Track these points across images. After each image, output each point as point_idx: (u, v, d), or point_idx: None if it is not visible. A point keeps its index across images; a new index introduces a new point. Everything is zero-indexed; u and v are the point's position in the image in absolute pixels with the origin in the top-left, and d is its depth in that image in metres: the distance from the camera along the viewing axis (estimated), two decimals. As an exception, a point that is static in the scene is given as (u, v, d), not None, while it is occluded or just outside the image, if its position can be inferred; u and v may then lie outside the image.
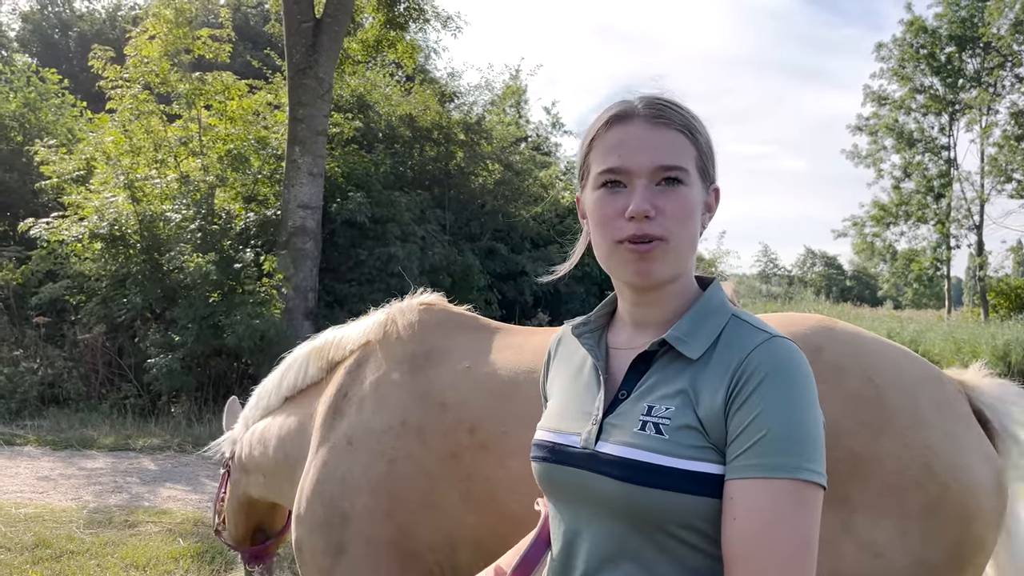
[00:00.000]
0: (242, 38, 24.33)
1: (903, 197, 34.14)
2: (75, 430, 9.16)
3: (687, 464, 1.14)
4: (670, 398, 1.20)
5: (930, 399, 1.97)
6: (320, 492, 2.31)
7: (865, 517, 1.88)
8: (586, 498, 1.24)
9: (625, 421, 1.22)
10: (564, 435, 1.29)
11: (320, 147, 10.65)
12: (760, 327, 1.23)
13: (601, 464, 1.21)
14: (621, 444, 1.20)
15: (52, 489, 6.88)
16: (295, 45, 10.54)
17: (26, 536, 5.47)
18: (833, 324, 2.12)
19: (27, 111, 13.90)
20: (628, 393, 1.26)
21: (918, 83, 32.98)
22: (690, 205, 1.24)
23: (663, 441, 1.17)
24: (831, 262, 55.64)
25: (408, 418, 2.29)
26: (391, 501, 2.24)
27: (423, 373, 2.38)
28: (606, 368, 1.32)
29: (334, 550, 2.28)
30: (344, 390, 2.45)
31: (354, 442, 2.32)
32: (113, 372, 10.66)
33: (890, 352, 2.07)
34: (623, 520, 1.19)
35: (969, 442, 1.95)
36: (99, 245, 10.29)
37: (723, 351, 1.21)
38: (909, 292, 39.67)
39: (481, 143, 13.25)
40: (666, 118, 1.26)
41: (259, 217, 10.98)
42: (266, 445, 2.82)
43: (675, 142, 1.25)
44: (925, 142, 33.47)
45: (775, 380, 1.14)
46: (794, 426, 1.11)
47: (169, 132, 11.16)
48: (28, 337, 10.63)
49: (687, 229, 1.24)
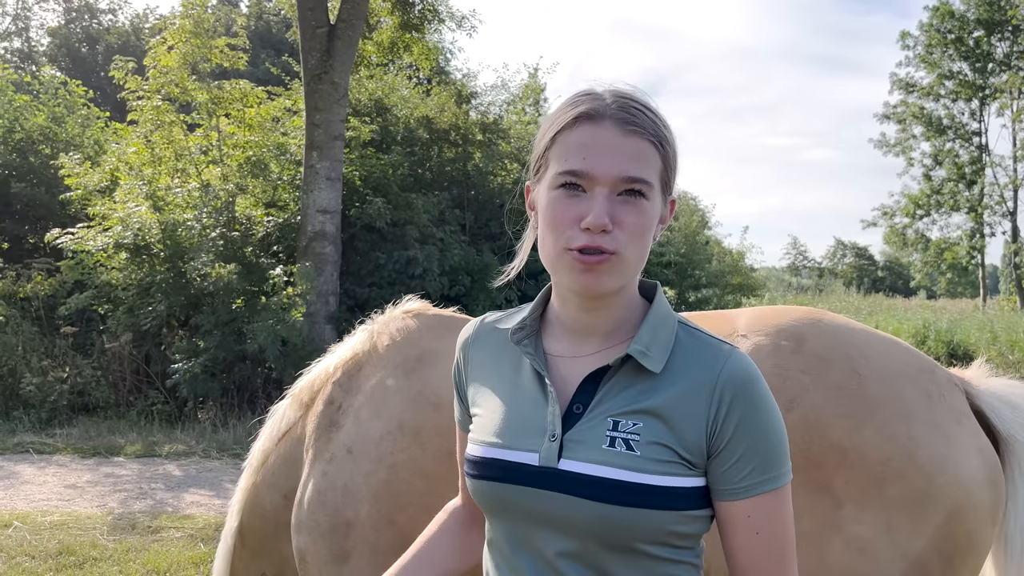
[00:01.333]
0: (264, 46, 24.60)
1: (934, 186, 33.59)
2: (103, 437, 9.30)
3: (659, 480, 1.14)
4: (636, 414, 1.17)
5: (918, 390, 1.93)
6: (323, 502, 2.33)
7: (850, 511, 1.86)
8: (546, 519, 1.18)
9: (588, 437, 1.18)
10: (515, 452, 1.22)
11: (338, 151, 10.71)
12: (712, 337, 1.24)
13: (567, 483, 1.16)
14: (589, 462, 1.16)
15: (78, 496, 6.99)
16: (310, 51, 10.61)
17: (50, 544, 5.56)
18: (821, 315, 2.10)
19: (54, 124, 14.14)
20: (584, 407, 1.20)
21: (946, 69, 32.42)
22: (648, 220, 1.19)
23: (635, 458, 1.14)
24: (862, 253, 54.87)
25: (404, 421, 2.32)
26: (393, 507, 2.26)
27: (416, 375, 2.39)
28: (551, 377, 1.25)
29: (339, 558, 2.30)
30: (337, 403, 2.45)
31: (354, 451, 2.34)
32: (141, 380, 10.81)
33: (878, 343, 2.03)
34: (588, 539, 1.16)
35: (959, 434, 1.90)
36: (124, 255, 10.45)
37: (686, 366, 1.20)
38: (943, 282, 39.00)
39: (499, 143, 13.26)
40: (638, 125, 1.18)
41: (279, 223, 11.08)
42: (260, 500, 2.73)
43: (643, 153, 1.18)
44: (955, 129, 32.89)
45: (747, 398, 1.17)
46: (777, 439, 1.19)
47: (190, 141, 11.29)
48: (57, 347, 10.80)
49: (641, 243, 1.19)
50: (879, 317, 20.21)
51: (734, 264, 17.49)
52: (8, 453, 8.52)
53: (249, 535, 2.67)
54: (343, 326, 10.08)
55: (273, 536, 2.61)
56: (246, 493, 2.66)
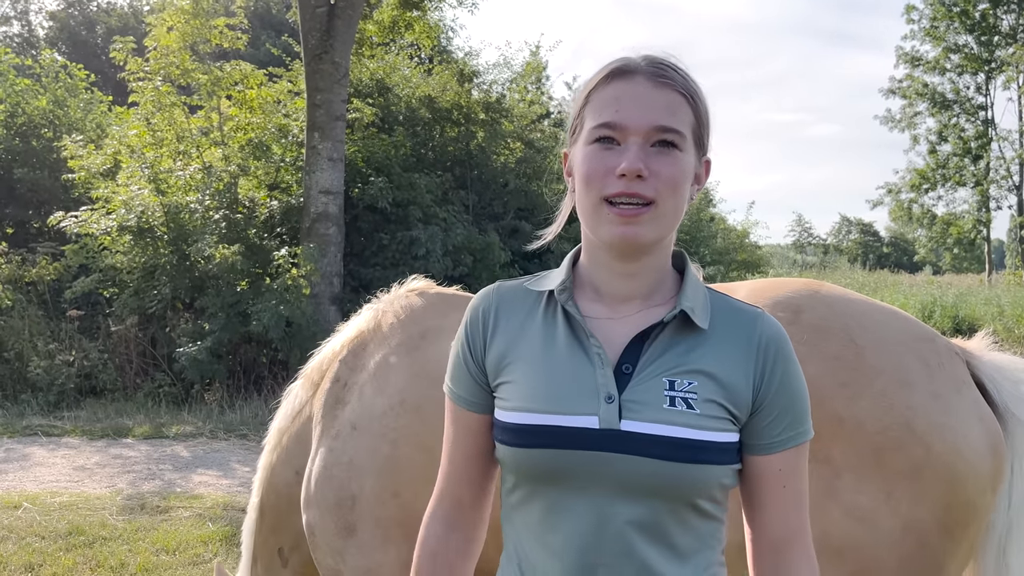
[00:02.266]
0: (265, 27, 24.45)
1: (940, 160, 33.37)
2: (111, 420, 9.37)
3: (715, 436, 1.19)
4: (690, 373, 1.21)
5: (918, 359, 1.93)
6: (330, 476, 2.39)
7: (849, 480, 1.87)
8: (610, 481, 1.18)
9: (646, 397, 1.19)
10: (570, 416, 1.19)
11: (339, 132, 10.68)
12: (737, 300, 1.31)
13: (632, 444, 1.17)
14: (653, 422, 1.17)
15: (88, 478, 7.05)
16: (310, 31, 10.56)
17: (60, 524, 5.62)
18: (819, 286, 2.11)
19: (56, 108, 14.11)
20: (632, 367, 1.21)
21: (952, 42, 32.10)
22: (683, 171, 1.21)
23: (696, 416, 1.18)
24: (867, 229, 54.61)
25: (407, 397, 2.37)
26: (396, 481, 2.32)
27: (419, 352, 2.45)
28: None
29: (345, 531, 2.37)
30: (343, 380, 2.52)
31: (359, 427, 2.40)
32: (147, 362, 10.86)
33: (876, 313, 2.04)
34: (653, 499, 1.18)
35: (959, 403, 1.90)
36: (128, 238, 10.46)
37: (725, 325, 1.25)
38: (948, 257, 38.84)
39: (502, 122, 13.19)
40: (668, 78, 1.22)
41: (283, 205, 11.07)
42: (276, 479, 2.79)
43: (675, 104, 1.21)
44: (961, 103, 32.62)
45: (785, 357, 1.25)
46: (804, 396, 1.26)
47: (191, 123, 11.27)
48: (64, 330, 10.85)
49: (676, 195, 1.21)
50: (884, 293, 20.16)
51: (739, 241, 17.43)
52: (17, 436, 8.59)
53: (267, 511, 2.76)
54: (347, 307, 10.09)
55: (287, 512, 2.68)
56: (264, 471, 2.76)
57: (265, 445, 2.83)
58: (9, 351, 10.33)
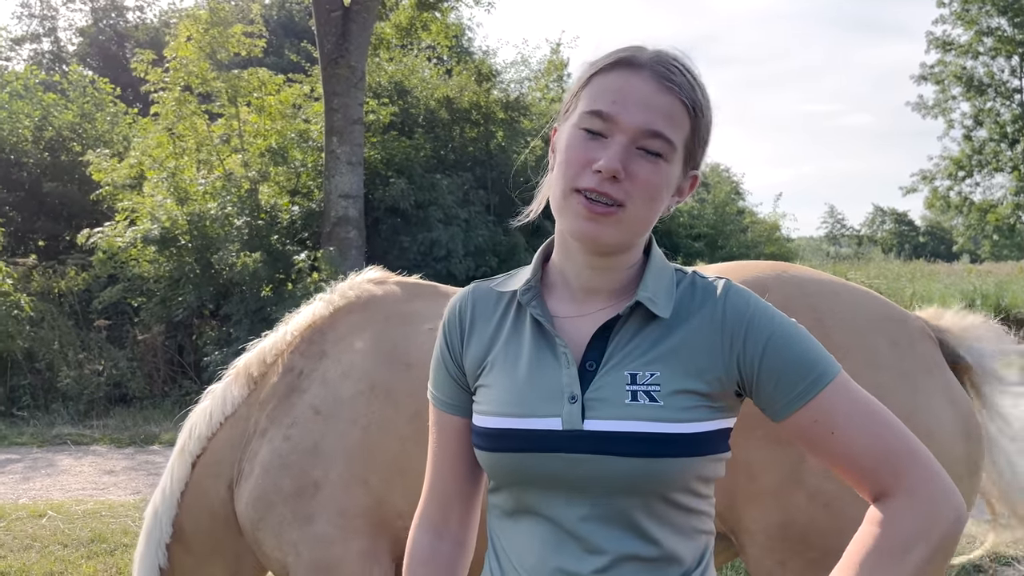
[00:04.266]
0: (288, 35, 24.68)
1: (975, 146, 32.67)
2: (139, 427, 9.46)
3: (684, 427, 1.13)
4: (652, 363, 1.16)
5: (887, 339, 1.89)
6: (286, 465, 2.25)
7: (814, 466, 1.83)
8: (577, 482, 1.16)
9: (608, 394, 1.16)
10: (535, 419, 1.18)
11: (357, 136, 10.71)
12: (704, 276, 1.25)
13: (595, 443, 1.14)
14: (614, 419, 1.14)
15: (113, 485, 7.11)
16: (326, 35, 10.60)
17: (83, 532, 5.65)
18: (786, 267, 2.08)
19: (83, 121, 14.34)
20: (596, 364, 1.18)
21: (984, 25, 31.41)
22: (662, 181, 1.16)
23: (659, 408, 1.13)
24: (901, 219, 53.68)
25: (376, 381, 2.28)
26: (366, 468, 2.22)
27: (386, 335, 2.36)
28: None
29: (302, 521, 2.22)
30: (298, 369, 2.38)
31: (323, 411, 2.28)
32: (175, 370, 10.97)
33: (845, 293, 2.00)
34: (620, 494, 1.15)
35: (929, 384, 1.86)
36: (153, 248, 10.59)
37: (691, 306, 1.20)
38: (987, 245, 38.01)
39: (521, 120, 13.15)
40: (675, 84, 1.15)
41: (304, 210, 11.12)
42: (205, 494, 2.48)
43: (675, 112, 1.15)
44: (995, 87, 31.92)
45: (760, 319, 1.16)
46: (802, 342, 1.16)
47: (212, 131, 11.37)
48: (93, 340, 10.99)
49: (650, 204, 1.16)
50: (921, 283, 19.75)
51: (768, 234, 17.21)
52: (47, 445, 8.70)
53: (195, 538, 2.46)
54: (370, 310, 10.10)
55: (224, 532, 2.43)
56: (180, 494, 2.43)
57: (178, 456, 2.46)
58: (40, 361, 10.48)
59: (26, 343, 10.36)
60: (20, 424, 9.58)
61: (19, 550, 5.30)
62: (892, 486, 1.11)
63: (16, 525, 5.80)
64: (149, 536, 2.46)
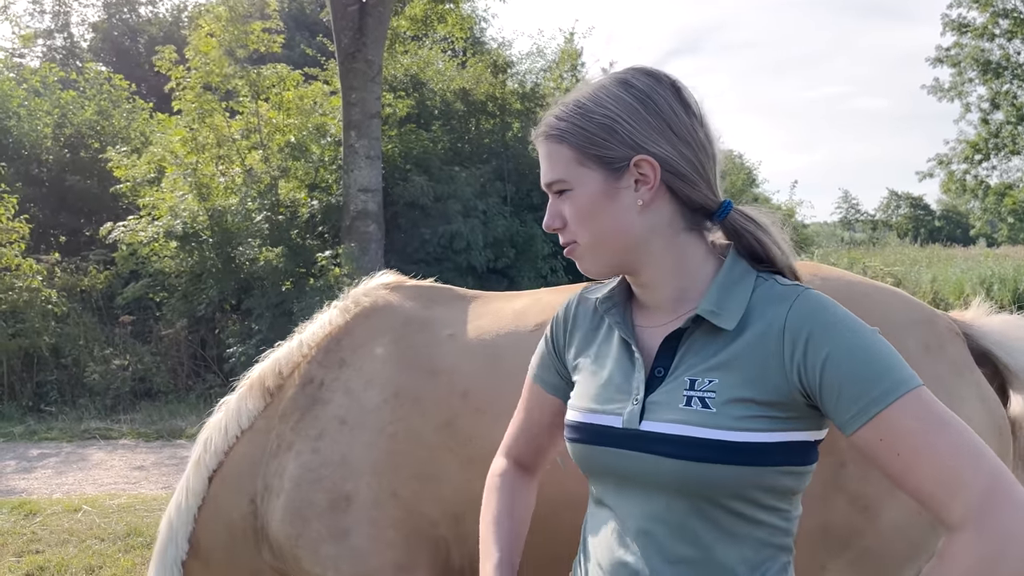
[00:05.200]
0: (299, 28, 24.68)
1: (992, 129, 32.35)
2: (165, 421, 9.58)
3: (737, 436, 1.15)
4: (712, 371, 1.20)
5: (919, 343, 1.91)
6: (318, 479, 2.22)
7: (854, 471, 1.85)
8: (633, 478, 1.23)
9: (668, 398, 1.21)
10: (602, 415, 1.27)
11: (375, 129, 10.75)
12: (783, 284, 1.24)
13: (649, 443, 1.20)
14: (668, 421, 1.19)
15: (144, 479, 7.22)
16: (342, 30, 10.63)
17: (118, 526, 5.75)
18: (817, 269, 2.08)
19: (101, 118, 14.45)
20: (665, 371, 1.25)
21: (1000, 7, 31.04)
22: (581, 206, 1.28)
23: (711, 415, 1.16)
24: (917, 203, 53.18)
25: (401, 389, 2.24)
26: (394, 478, 2.18)
27: (406, 342, 2.32)
28: (638, 345, 1.30)
29: (338, 536, 2.19)
30: (318, 380, 2.32)
31: (349, 422, 2.23)
32: (198, 364, 11.09)
33: (877, 294, 2.01)
34: (672, 495, 1.19)
35: (959, 385, 1.89)
36: (174, 244, 10.69)
37: (760, 314, 1.21)
38: (1004, 228, 37.69)
39: (537, 111, 13.15)
40: (548, 130, 1.31)
41: (323, 204, 11.19)
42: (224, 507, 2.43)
43: (553, 155, 1.30)
44: (1012, 69, 31.58)
45: (823, 329, 1.14)
46: (871, 354, 1.12)
47: (232, 127, 11.45)
48: (117, 335, 11.12)
49: (591, 226, 1.28)
50: (938, 268, 19.64)
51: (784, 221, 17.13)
52: (76, 440, 8.83)
53: (214, 554, 2.42)
54: (390, 303, 10.17)
55: (243, 547, 2.39)
56: (197, 510, 2.40)
57: (193, 469, 2.43)
58: (66, 357, 10.62)
59: (52, 339, 10.50)
60: (48, 419, 9.73)
61: (56, 544, 5.40)
62: (961, 517, 1.05)
63: (52, 520, 5.92)
64: (164, 554, 2.43)
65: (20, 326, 10.23)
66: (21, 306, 10.29)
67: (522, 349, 2.15)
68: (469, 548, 2.17)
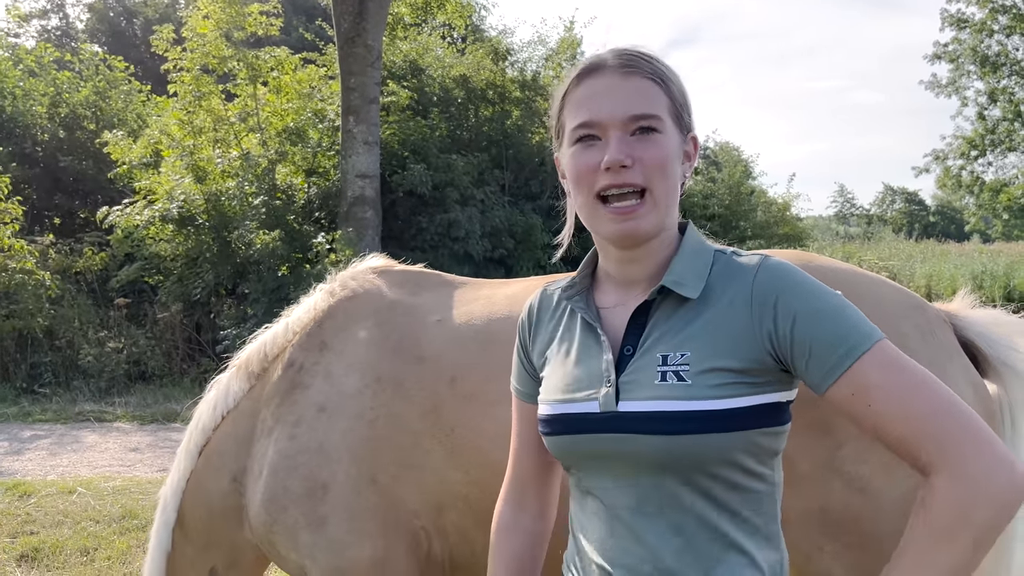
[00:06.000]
0: (296, 12, 24.52)
1: (988, 126, 32.39)
2: (160, 404, 9.57)
3: (716, 404, 1.15)
4: (683, 343, 1.20)
5: (913, 327, 1.93)
6: (294, 466, 2.17)
7: (850, 452, 1.86)
8: (618, 460, 1.22)
9: (641, 376, 1.21)
10: (576, 404, 1.26)
11: (373, 115, 10.70)
12: (745, 255, 1.27)
13: (630, 423, 1.19)
14: (645, 399, 1.19)
15: (139, 462, 7.21)
16: (343, 14, 10.56)
17: (114, 508, 5.74)
18: (810, 258, 2.08)
19: (98, 99, 14.35)
20: (634, 348, 1.24)
21: (999, 2, 31.04)
22: (668, 153, 1.23)
23: (687, 387, 1.16)
24: (912, 198, 53.34)
25: (383, 373, 2.18)
26: (374, 465, 2.13)
27: (391, 326, 2.27)
28: (603, 327, 1.29)
29: (315, 524, 2.15)
30: (298, 363, 2.28)
31: (328, 408, 2.18)
32: (193, 348, 11.07)
33: (868, 282, 2.03)
34: (661, 473, 1.19)
35: (952, 370, 1.90)
36: (170, 227, 10.65)
37: (724, 285, 1.22)
38: (998, 224, 37.81)
39: (537, 100, 13.10)
40: (635, 67, 1.24)
41: (320, 190, 11.14)
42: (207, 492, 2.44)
43: (646, 91, 1.23)
44: (1010, 65, 31.59)
45: (791, 289, 1.17)
46: (835, 312, 1.15)
47: (229, 110, 11.38)
48: (112, 319, 11.09)
49: (667, 178, 1.23)
50: (933, 263, 19.69)
51: (780, 214, 17.15)
52: (71, 422, 8.81)
53: (194, 528, 2.44)
54: (387, 290, 10.15)
55: (222, 524, 2.40)
56: (187, 482, 2.43)
57: (182, 452, 2.46)
58: (61, 339, 10.59)
59: (47, 321, 10.46)
60: (43, 401, 9.70)
61: (51, 526, 5.39)
62: (936, 463, 1.07)
63: (47, 501, 5.90)
64: (159, 519, 2.47)
65: (14, 307, 10.19)
66: (14, 287, 10.24)
67: (515, 336, 2.16)
68: (450, 541, 2.15)
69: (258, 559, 2.51)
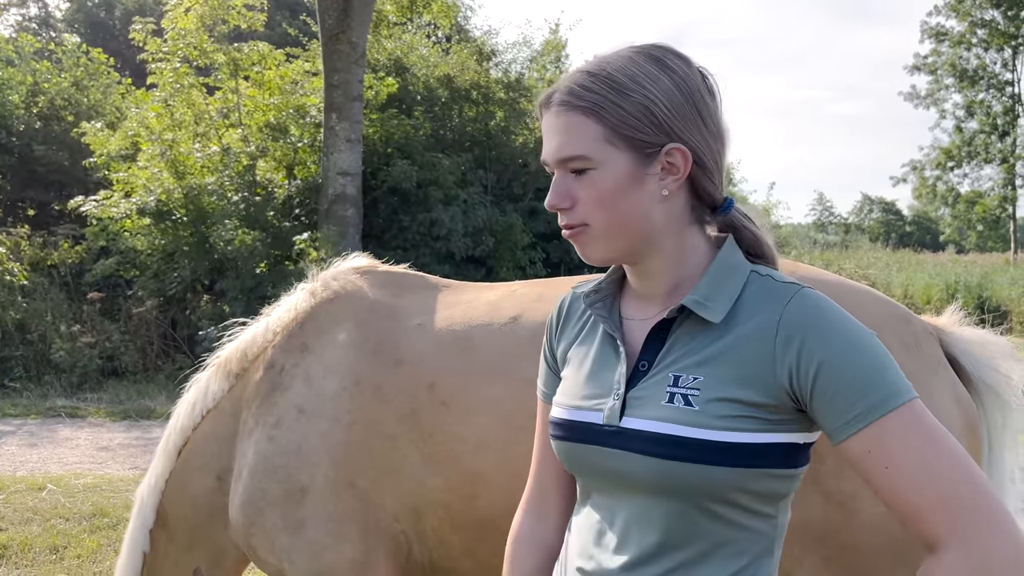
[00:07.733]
0: (280, 7, 24.35)
1: (965, 138, 32.84)
2: (133, 401, 9.43)
3: (721, 436, 1.10)
4: (698, 367, 1.15)
5: (898, 340, 1.90)
6: (272, 468, 2.17)
7: (831, 466, 1.84)
8: (613, 476, 1.20)
9: (650, 393, 1.17)
10: (583, 412, 1.23)
11: (357, 113, 10.63)
12: (781, 280, 1.19)
13: (629, 440, 1.16)
14: (648, 419, 1.15)
15: (111, 459, 7.10)
16: (327, 10, 10.49)
17: (84, 506, 5.64)
18: (795, 267, 2.06)
19: (76, 91, 14.15)
20: (649, 364, 1.20)
21: (978, 17, 31.49)
22: (603, 189, 1.17)
23: (693, 413, 1.12)
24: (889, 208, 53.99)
25: (362, 376, 2.17)
26: (352, 469, 2.12)
27: (371, 328, 2.25)
28: (623, 338, 1.24)
29: (293, 528, 2.15)
30: (279, 365, 2.27)
31: (306, 410, 2.17)
32: (168, 344, 10.93)
33: (852, 293, 2.00)
34: (655, 497, 1.15)
35: (936, 385, 1.90)
36: (147, 221, 10.50)
37: (752, 310, 1.15)
38: (973, 236, 38.32)
39: (521, 101, 13.08)
40: (569, 103, 1.18)
41: (301, 186, 11.05)
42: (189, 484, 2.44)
43: (576, 129, 1.17)
44: (988, 78, 32.06)
45: (821, 333, 1.09)
46: (869, 362, 1.08)
47: (209, 104, 11.26)
48: (85, 312, 10.92)
49: (610, 211, 1.18)
50: (908, 272, 19.91)
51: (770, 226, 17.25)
52: (41, 417, 8.67)
53: (178, 528, 2.44)
54: (367, 288, 10.08)
55: (207, 523, 2.39)
56: (168, 480, 2.42)
57: (160, 453, 2.44)
58: (32, 333, 10.42)
59: (18, 314, 10.28)
60: (13, 395, 9.53)
61: (20, 523, 5.28)
62: (945, 537, 1.02)
63: (16, 498, 5.78)
64: (135, 519, 2.45)
65: (-16, 299, 10.01)
66: (-16, 279, 10.07)
67: (495, 342, 2.12)
68: (430, 545, 2.13)
69: (241, 559, 2.50)
